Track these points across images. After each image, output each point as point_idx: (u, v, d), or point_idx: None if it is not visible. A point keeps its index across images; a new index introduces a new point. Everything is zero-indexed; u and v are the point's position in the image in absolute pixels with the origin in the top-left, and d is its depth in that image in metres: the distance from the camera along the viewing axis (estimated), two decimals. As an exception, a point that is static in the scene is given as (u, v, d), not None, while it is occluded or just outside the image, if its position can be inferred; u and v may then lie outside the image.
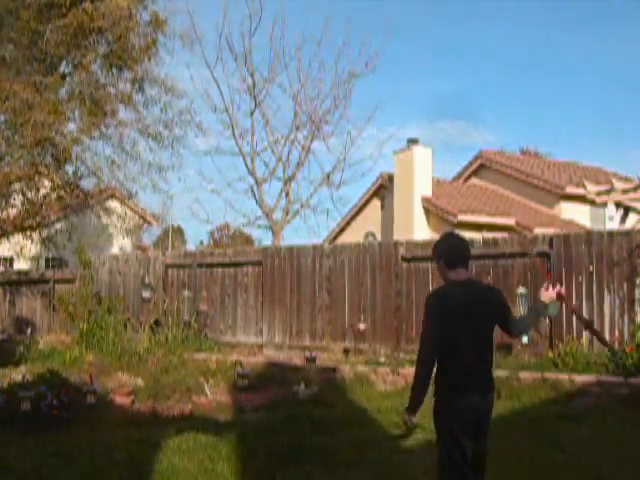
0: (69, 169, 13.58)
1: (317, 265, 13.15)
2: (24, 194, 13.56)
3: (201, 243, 43.95)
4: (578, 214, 20.25)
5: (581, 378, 9.09)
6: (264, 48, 21.04)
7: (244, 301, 13.98)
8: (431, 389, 3.95)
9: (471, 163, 24.32)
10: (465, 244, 4.15)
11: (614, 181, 14.48)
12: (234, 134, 20.48)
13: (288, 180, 20.68)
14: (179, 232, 45.53)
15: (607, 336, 10.29)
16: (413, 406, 3.91)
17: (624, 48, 64.47)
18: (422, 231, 19.67)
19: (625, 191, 13.93)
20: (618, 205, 14.04)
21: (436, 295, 4.03)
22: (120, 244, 23.23)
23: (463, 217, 18.84)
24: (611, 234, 10.74)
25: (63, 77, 12.79)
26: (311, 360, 11.03)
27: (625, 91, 65.25)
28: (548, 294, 4.14)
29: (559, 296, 4.19)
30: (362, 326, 12.31)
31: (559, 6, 63.84)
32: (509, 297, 10.64)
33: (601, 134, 67.79)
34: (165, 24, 13.21)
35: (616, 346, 10.01)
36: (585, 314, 10.49)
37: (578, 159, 27.79)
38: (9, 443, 6.53)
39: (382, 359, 11.16)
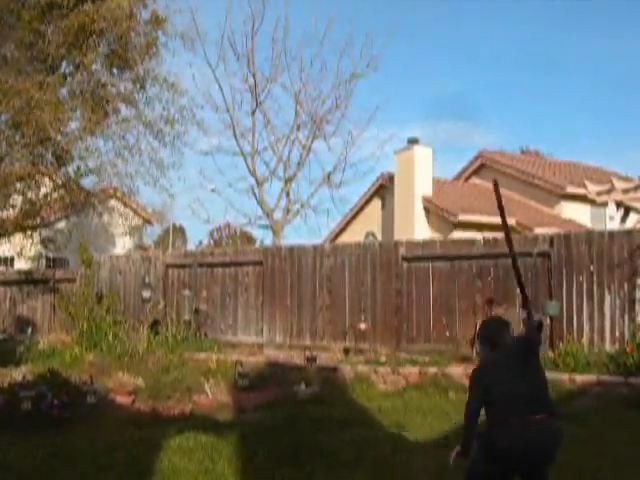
0: (70, 168, 13.56)
1: (318, 265, 13.14)
2: (24, 194, 13.54)
3: (200, 243, 43.97)
4: (579, 214, 20.24)
5: (582, 378, 9.10)
6: (266, 48, 21.12)
7: (244, 301, 13.98)
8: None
9: (471, 163, 24.32)
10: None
11: (614, 181, 14.48)
12: (235, 134, 20.52)
13: (289, 180, 20.69)
14: (180, 231, 45.56)
15: (608, 336, 10.30)
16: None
17: (626, 48, 64.46)
18: (423, 231, 19.66)
19: (625, 191, 13.93)
20: (619, 205, 14.03)
21: None
22: (122, 244, 23.24)
23: (463, 217, 18.83)
24: (612, 234, 10.73)
25: (64, 77, 12.78)
26: (311, 360, 11.03)
27: (626, 91, 65.21)
28: None
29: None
30: (362, 326, 12.30)
31: (560, 6, 63.83)
32: (510, 297, 10.67)
33: (602, 134, 67.78)
34: (165, 22, 13.18)
35: (617, 346, 10.03)
36: (586, 314, 10.50)
37: (579, 159, 27.76)
38: (10, 443, 6.52)
39: (382, 359, 11.16)
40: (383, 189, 22.62)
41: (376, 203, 23.24)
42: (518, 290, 10.36)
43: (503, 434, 3.89)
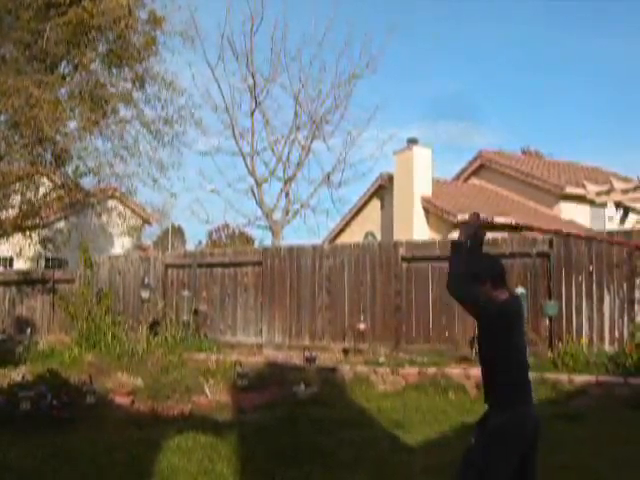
0: (69, 168, 13.57)
1: (317, 265, 13.14)
2: (23, 194, 13.55)
3: (200, 243, 43.96)
4: (578, 214, 20.24)
5: (581, 378, 9.10)
6: (265, 48, 21.12)
7: (244, 301, 13.98)
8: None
9: (471, 163, 24.30)
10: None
11: (614, 181, 14.47)
12: (234, 134, 20.53)
13: (288, 180, 20.70)
14: (179, 232, 45.54)
15: (607, 336, 10.31)
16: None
17: (626, 48, 64.50)
18: (422, 231, 19.66)
19: (625, 191, 13.92)
20: (618, 205, 14.03)
21: None
22: (121, 244, 23.22)
23: (462, 217, 18.81)
24: (611, 234, 10.75)
25: (63, 77, 12.77)
26: (311, 360, 11.03)
27: (626, 91, 65.27)
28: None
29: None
30: (362, 326, 12.31)
31: (560, 6, 63.88)
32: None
33: (601, 134, 67.83)
34: (163, 21, 13.18)
35: (616, 346, 10.04)
36: (585, 314, 10.51)
37: (578, 159, 27.79)
38: (9, 443, 6.52)
39: (382, 359, 11.15)
40: (382, 189, 22.61)
41: (375, 203, 23.23)
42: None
43: (528, 408, 3.65)
